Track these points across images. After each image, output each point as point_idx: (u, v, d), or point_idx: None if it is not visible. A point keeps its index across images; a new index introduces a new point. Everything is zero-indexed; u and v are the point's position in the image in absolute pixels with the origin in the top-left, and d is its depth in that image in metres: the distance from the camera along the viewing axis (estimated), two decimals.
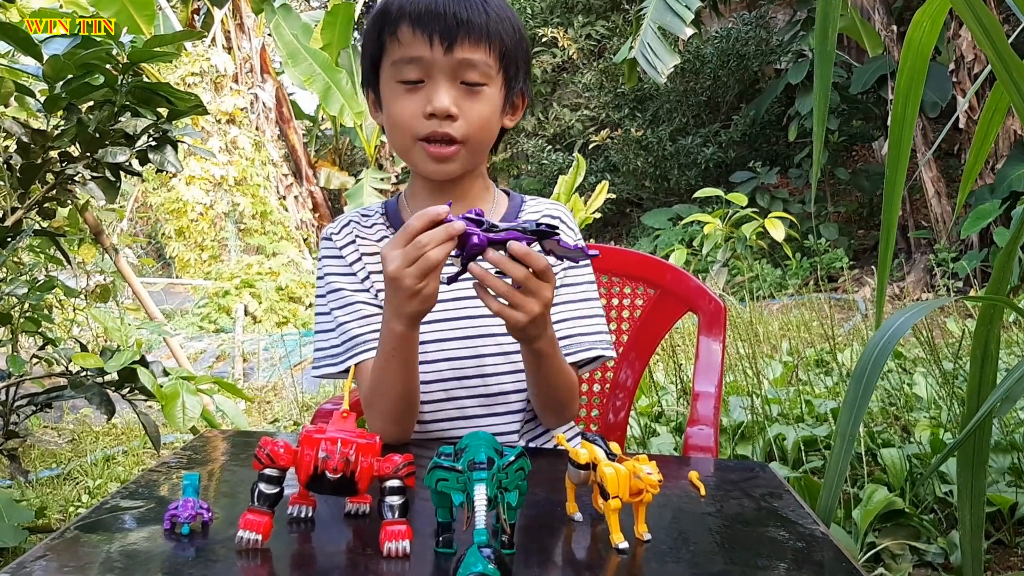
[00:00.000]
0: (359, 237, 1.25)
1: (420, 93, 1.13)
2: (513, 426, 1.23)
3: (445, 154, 1.14)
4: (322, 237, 1.27)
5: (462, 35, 1.10)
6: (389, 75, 1.15)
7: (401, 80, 1.13)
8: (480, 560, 0.62)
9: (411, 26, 1.10)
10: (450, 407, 1.22)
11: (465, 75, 1.12)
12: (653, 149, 9.97)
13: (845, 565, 0.76)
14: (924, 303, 1.30)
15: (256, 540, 0.74)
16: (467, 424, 1.22)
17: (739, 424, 2.74)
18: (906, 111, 1.28)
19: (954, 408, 2.59)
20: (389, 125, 1.19)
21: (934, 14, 1.25)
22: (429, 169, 1.17)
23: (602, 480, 0.78)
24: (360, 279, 1.22)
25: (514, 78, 1.19)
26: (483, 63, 1.13)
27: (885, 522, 2.12)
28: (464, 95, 1.13)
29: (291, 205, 10.93)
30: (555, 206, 1.31)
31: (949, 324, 4.30)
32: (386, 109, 1.18)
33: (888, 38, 7.79)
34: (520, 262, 0.93)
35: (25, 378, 2.14)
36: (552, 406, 1.19)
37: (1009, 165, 6.51)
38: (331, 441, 0.74)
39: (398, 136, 1.17)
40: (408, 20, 1.11)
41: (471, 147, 1.16)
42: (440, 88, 1.11)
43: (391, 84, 1.15)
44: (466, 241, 0.91)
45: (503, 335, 1.19)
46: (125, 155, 2.16)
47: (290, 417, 4.25)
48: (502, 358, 1.21)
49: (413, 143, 1.15)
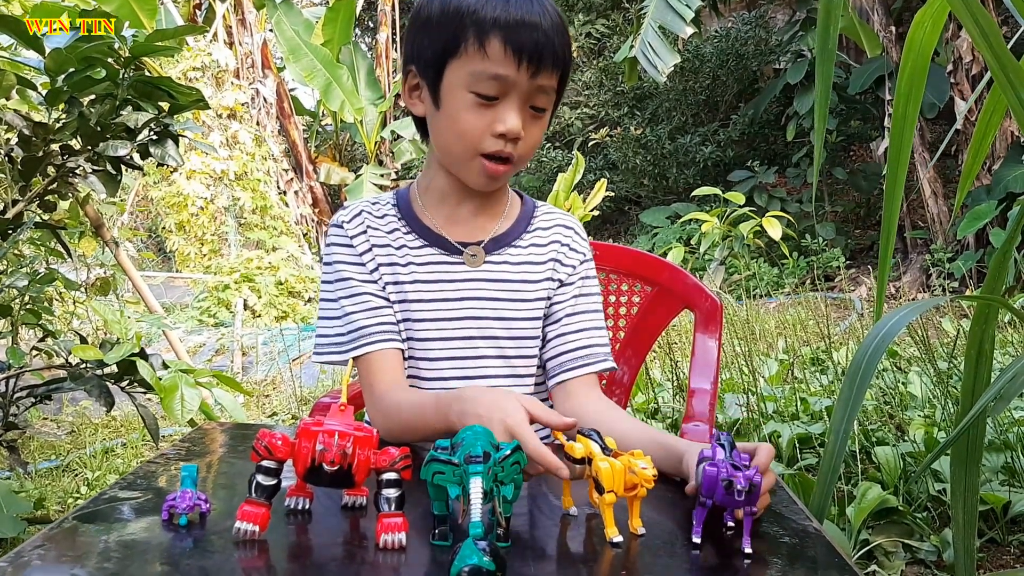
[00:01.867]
0: (370, 228, 1.24)
1: (493, 110, 1.11)
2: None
3: (500, 171, 1.15)
4: (332, 223, 1.26)
5: (547, 63, 1.09)
6: (463, 81, 1.10)
7: (478, 92, 1.10)
8: (475, 553, 0.63)
9: (503, 44, 1.07)
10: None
11: (536, 100, 1.12)
12: (652, 147, 9.97)
13: (838, 561, 0.77)
14: (919, 303, 1.31)
15: (253, 531, 0.75)
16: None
17: (735, 421, 2.75)
18: (907, 112, 1.28)
19: (948, 407, 2.60)
20: (451, 131, 1.15)
21: (935, 15, 1.26)
22: (480, 182, 1.17)
23: (597, 475, 0.79)
24: (369, 270, 1.21)
25: (559, 101, 1.20)
26: (552, 89, 1.13)
27: (879, 519, 2.14)
28: (530, 119, 1.13)
29: (291, 200, 10.92)
30: (567, 217, 1.31)
31: (944, 324, 4.31)
32: (449, 112, 1.14)
33: (887, 39, 7.79)
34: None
35: (25, 370, 2.15)
36: None
37: (1006, 166, 6.52)
38: (328, 434, 0.75)
39: (459, 146, 1.15)
40: (502, 35, 1.07)
41: (518, 165, 1.17)
42: (515, 110, 1.11)
43: (463, 92, 1.11)
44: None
45: (505, 338, 1.20)
46: (126, 149, 2.16)
47: (288, 411, 4.26)
48: (502, 361, 1.22)
49: (474, 157, 1.14)
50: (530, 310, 1.23)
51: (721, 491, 0.76)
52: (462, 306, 1.21)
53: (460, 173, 1.18)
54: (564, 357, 1.21)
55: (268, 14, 10.57)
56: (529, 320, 1.23)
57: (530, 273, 1.24)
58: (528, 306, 1.23)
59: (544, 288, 1.24)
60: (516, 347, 1.22)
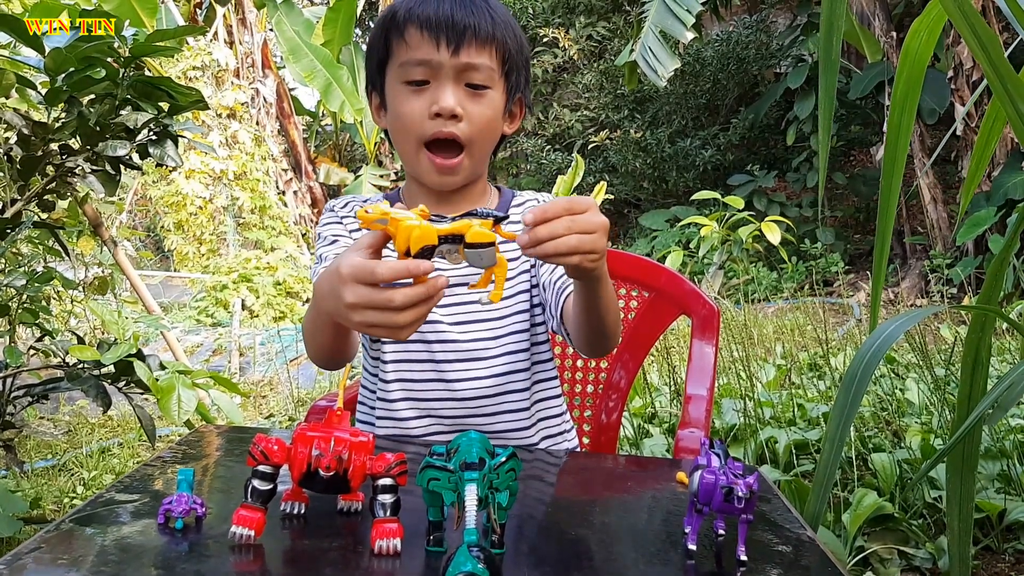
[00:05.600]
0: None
1: (426, 94, 1.15)
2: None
3: (449, 166, 1.17)
4: (325, 209, 1.30)
5: (468, 38, 1.13)
6: (395, 76, 1.17)
7: (407, 81, 1.15)
8: (469, 559, 0.63)
9: (419, 29, 1.13)
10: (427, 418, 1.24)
11: (470, 77, 1.15)
12: (652, 151, 9.97)
13: (831, 570, 0.77)
14: (916, 311, 1.31)
15: (249, 536, 0.75)
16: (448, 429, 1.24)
17: (731, 426, 2.75)
18: (902, 119, 1.29)
19: (945, 414, 2.60)
20: (395, 127, 1.20)
21: (932, 23, 1.26)
22: (434, 180, 1.19)
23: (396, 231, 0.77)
24: None
25: (515, 84, 1.22)
26: (487, 66, 1.15)
27: (874, 526, 2.14)
28: (468, 97, 1.15)
29: (290, 200, 10.92)
30: (542, 195, 1.34)
31: (942, 330, 4.31)
32: (391, 110, 1.20)
33: (887, 44, 7.80)
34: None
35: (22, 369, 2.15)
36: (608, 330, 1.09)
37: (1005, 173, 6.52)
38: (324, 439, 0.75)
39: (404, 138, 1.19)
40: (416, 23, 1.13)
41: (474, 152, 1.18)
42: (446, 89, 1.13)
43: (397, 85, 1.17)
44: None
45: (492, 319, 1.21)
46: (125, 149, 2.16)
47: (285, 412, 4.26)
48: (492, 341, 1.24)
49: (418, 149, 1.17)
50: (513, 286, 1.25)
51: (719, 498, 0.76)
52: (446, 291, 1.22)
53: (417, 174, 1.21)
54: (557, 285, 1.19)
55: (268, 14, 10.58)
56: (513, 296, 1.25)
57: (508, 251, 1.25)
58: (511, 283, 1.25)
59: (523, 260, 1.27)
60: (503, 326, 1.24)
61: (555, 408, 1.32)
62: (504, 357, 1.23)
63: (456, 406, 1.22)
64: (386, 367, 1.23)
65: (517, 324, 1.25)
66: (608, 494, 1.01)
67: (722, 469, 0.78)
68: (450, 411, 1.23)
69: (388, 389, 1.23)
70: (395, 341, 1.22)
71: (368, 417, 1.28)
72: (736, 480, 0.76)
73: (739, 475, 0.78)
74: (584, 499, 0.99)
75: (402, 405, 1.23)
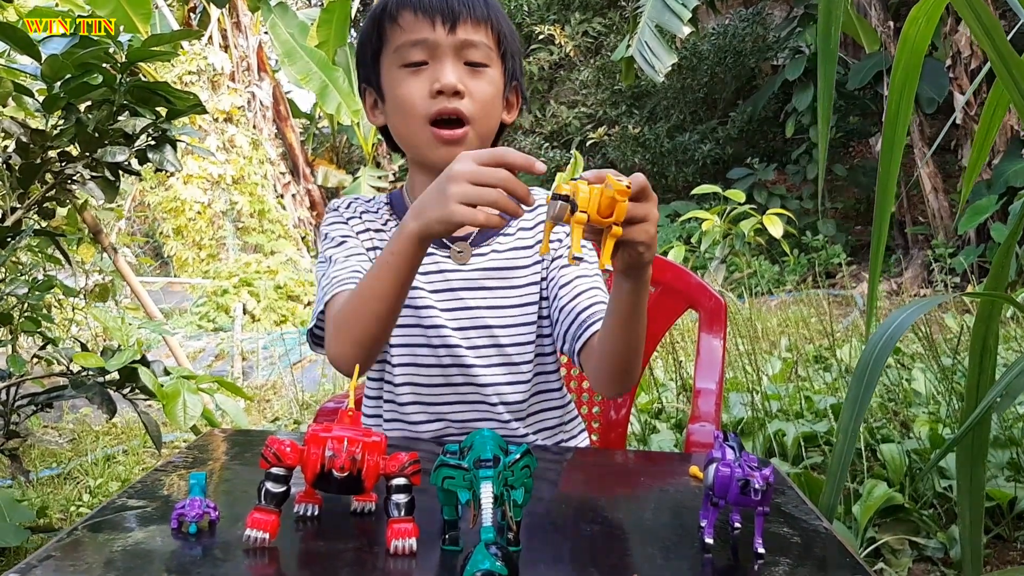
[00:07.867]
0: (364, 213, 1.26)
1: (425, 74, 1.14)
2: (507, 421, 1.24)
3: (455, 136, 1.14)
4: (328, 209, 1.28)
5: (464, 16, 1.13)
6: (392, 63, 1.16)
7: (405, 64, 1.14)
8: (487, 557, 0.62)
9: (413, 11, 1.13)
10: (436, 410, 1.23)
11: (468, 55, 1.14)
12: (650, 146, 9.97)
13: (849, 560, 0.77)
14: (923, 300, 1.30)
15: (264, 539, 0.74)
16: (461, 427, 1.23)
17: (739, 420, 2.74)
18: (900, 108, 1.28)
19: (953, 403, 2.59)
20: (396, 111, 1.17)
21: (929, 11, 1.25)
22: (439, 154, 1.14)
23: (575, 195, 0.80)
24: (365, 248, 1.22)
25: (511, 70, 1.21)
26: (484, 44, 1.15)
27: (885, 517, 2.13)
28: (468, 74, 1.15)
29: (289, 203, 10.91)
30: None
31: (947, 320, 4.30)
32: (391, 97, 1.18)
33: (884, 34, 7.79)
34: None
35: (25, 378, 2.14)
36: (639, 347, 1.05)
37: (1006, 161, 6.52)
38: (337, 440, 0.75)
39: (406, 120, 1.16)
40: (410, 7, 1.13)
41: (477, 129, 1.16)
42: (446, 66, 1.13)
43: (394, 71, 1.15)
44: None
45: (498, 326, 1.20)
46: (124, 154, 2.15)
47: (290, 415, 4.25)
48: (495, 350, 1.22)
49: (422, 126, 1.14)
50: (522, 296, 1.23)
51: (735, 491, 0.75)
52: (453, 296, 1.21)
53: (421, 155, 1.19)
54: (581, 317, 1.15)
55: (263, 16, 10.57)
56: (522, 307, 1.23)
57: (520, 259, 1.24)
58: (520, 292, 1.23)
59: (535, 272, 1.24)
60: (510, 335, 1.22)
61: (555, 400, 1.30)
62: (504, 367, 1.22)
63: (466, 409, 1.22)
64: (394, 370, 1.22)
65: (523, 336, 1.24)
66: (620, 490, 1.01)
67: (737, 462, 0.78)
68: (460, 415, 1.22)
69: (397, 392, 1.23)
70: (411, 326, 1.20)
71: (375, 422, 1.27)
72: (752, 472, 0.76)
73: (754, 467, 0.77)
74: (597, 495, 0.98)
75: (412, 408, 1.22)
